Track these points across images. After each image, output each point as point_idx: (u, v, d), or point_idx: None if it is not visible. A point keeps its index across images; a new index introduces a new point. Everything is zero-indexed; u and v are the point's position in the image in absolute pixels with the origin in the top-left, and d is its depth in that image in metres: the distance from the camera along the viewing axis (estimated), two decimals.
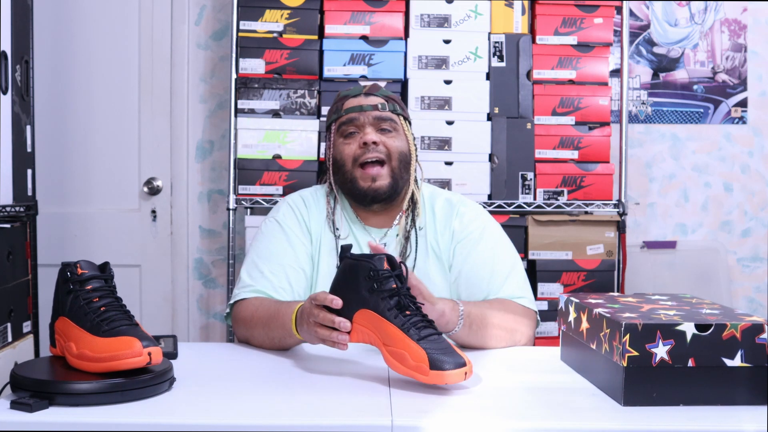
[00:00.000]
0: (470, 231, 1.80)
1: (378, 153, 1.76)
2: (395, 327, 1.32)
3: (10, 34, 1.98)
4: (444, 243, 1.81)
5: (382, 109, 1.80)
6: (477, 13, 2.73)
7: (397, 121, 1.81)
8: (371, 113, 1.79)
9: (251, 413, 1.20)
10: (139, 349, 1.24)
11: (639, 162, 3.18)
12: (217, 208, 3.13)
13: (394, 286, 1.35)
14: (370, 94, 1.83)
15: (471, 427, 1.16)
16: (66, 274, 1.36)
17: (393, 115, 1.81)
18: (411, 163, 1.82)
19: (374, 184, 1.76)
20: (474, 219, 1.83)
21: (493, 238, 1.82)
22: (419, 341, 1.30)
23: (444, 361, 1.27)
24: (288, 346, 1.61)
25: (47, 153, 2.87)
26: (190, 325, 3.13)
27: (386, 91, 1.86)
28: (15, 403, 1.18)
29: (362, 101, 1.81)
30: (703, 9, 3.19)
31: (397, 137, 1.80)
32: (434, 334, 1.32)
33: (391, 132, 1.79)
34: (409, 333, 1.31)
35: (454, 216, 1.82)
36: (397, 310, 1.34)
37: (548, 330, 2.68)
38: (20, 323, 1.84)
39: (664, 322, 1.22)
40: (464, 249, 1.79)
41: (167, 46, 3.08)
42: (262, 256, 1.76)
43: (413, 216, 1.81)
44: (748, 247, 3.21)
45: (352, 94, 1.84)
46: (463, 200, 1.87)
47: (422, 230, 1.81)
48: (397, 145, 1.79)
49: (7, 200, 1.93)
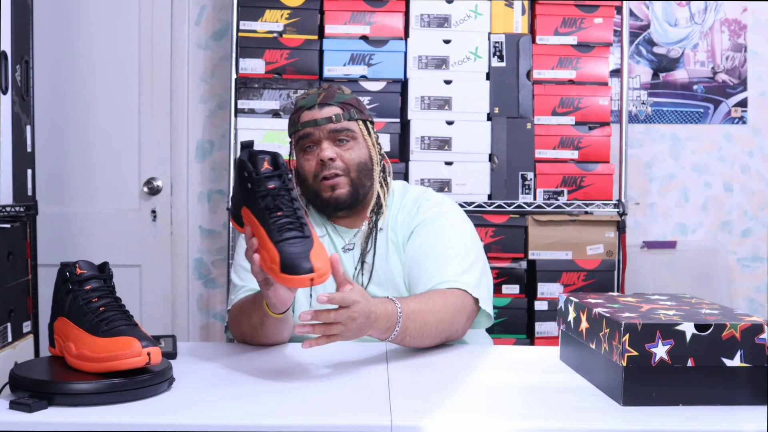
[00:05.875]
0: (425, 218, 1.80)
1: (335, 169, 1.77)
2: (261, 227, 1.35)
3: (10, 34, 1.98)
4: (402, 234, 1.81)
5: (337, 120, 1.78)
6: (477, 13, 2.72)
7: (355, 128, 1.80)
8: (326, 127, 1.78)
9: (251, 413, 1.20)
10: (138, 349, 1.24)
11: (639, 162, 3.18)
12: (217, 208, 3.13)
13: (271, 186, 1.36)
14: (324, 104, 1.79)
15: (470, 427, 1.16)
16: (65, 274, 1.36)
17: (349, 123, 1.79)
18: (374, 168, 1.82)
19: (334, 194, 1.77)
20: (432, 207, 1.83)
21: (447, 225, 1.80)
22: (278, 243, 1.32)
23: (295, 266, 1.30)
24: (275, 335, 1.61)
25: (47, 153, 2.87)
26: (189, 325, 3.13)
27: (343, 96, 1.82)
28: (14, 404, 1.18)
29: (316, 114, 1.79)
30: (703, 9, 3.19)
31: (355, 146, 1.80)
32: (298, 237, 1.33)
33: (348, 142, 1.79)
34: (271, 234, 1.33)
35: (415, 209, 1.83)
36: (267, 211, 1.35)
37: (548, 330, 2.68)
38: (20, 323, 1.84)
39: (663, 322, 1.22)
40: (417, 233, 1.79)
41: (167, 46, 3.08)
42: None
43: (376, 218, 1.82)
44: (748, 247, 3.21)
45: (307, 105, 1.81)
46: (428, 193, 1.88)
47: (382, 231, 1.81)
48: (355, 156, 1.79)
49: (7, 200, 1.93)
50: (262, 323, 1.58)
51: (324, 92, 1.82)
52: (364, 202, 1.83)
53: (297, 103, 1.84)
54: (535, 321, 2.68)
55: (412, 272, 1.75)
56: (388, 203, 1.85)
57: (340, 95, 1.82)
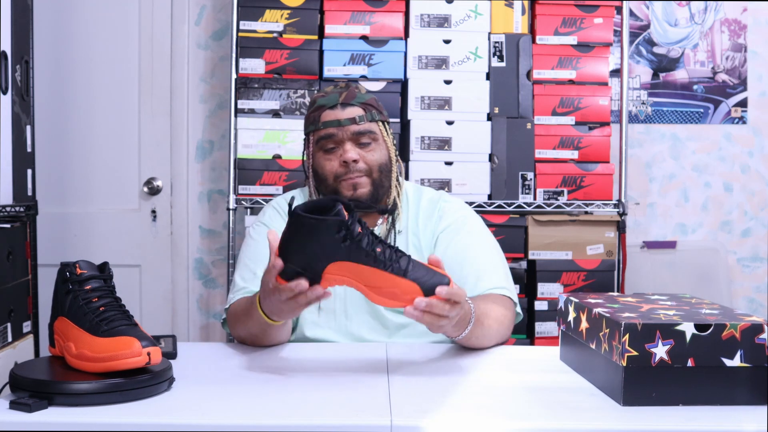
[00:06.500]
0: (450, 222, 1.81)
1: (358, 171, 1.77)
2: (379, 270, 1.32)
3: (10, 34, 1.98)
4: (425, 239, 1.81)
5: (360, 121, 1.78)
6: (477, 13, 2.72)
7: (376, 130, 1.80)
8: (349, 128, 1.77)
9: (250, 413, 1.20)
10: (139, 349, 1.24)
11: (639, 162, 3.18)
12: (217, 208, 3.13)
13: (360, 230, 1.33)
14: (346, 104, 1.79)
15: (471, 427, 1.16)
16: (65, 274, 1.36)
17: (371, 125, 1.79)
18: (392, 168, 1.83)
19: (356, 193, 1.77)
20: (455, 211, 1.84)
21: (475, 229, 1.83)
22: (405, 275, 1.32)
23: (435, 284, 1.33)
24: (275, 339, 1.61)
25: (47, 153, 2.87)
26: (189, 325, 3.13)
27: (363, 96, 1.82)
28: (14, 403, 1.18)
29: (339, 114, 1.78)
30: (703, 9, 3.19)
31: (376, 148, 1.80)
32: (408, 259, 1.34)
33: (370, 144, 1.79)
34: (393, 271, 1.32)
35: (435, 212, 1.83)
36: (372, 253, 1.33)
37: (548, 330, 2.68)
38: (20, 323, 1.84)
39: (663, 322, 1.22)
40: (445, 238, 1.79)
41: (167, 46, 3.08)
42: (253, 259, 1.77)
43: (393, 219, 1.81)
44: (748, 247, 3.21)
45: (328, 104, 1.79)
46: (445, 196, 1.89)
47: (402, 233, 1.81)
48: (377, 157, 1.79)
49: (7, 200, 1.92)
50: (263, 332, 1.58)
51: (345, 92, 1.81)
52: (382, 202, 1.83)
53: (316, 101, 1.83)
54: (535, 321, 2.68)
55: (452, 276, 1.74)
56: (403, 204, 1.85)
57: (360, 95, 1.82)
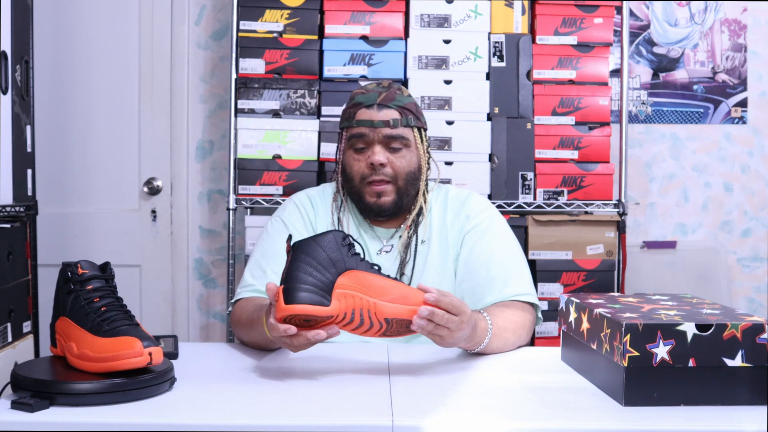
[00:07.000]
0: (477, 223, 1.81)
1: (384, 175, 1.75)
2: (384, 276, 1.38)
3: (10, 34, 1.98)
4: (453, 236, 1.81)
5: (394, 125, 1.75)
6: (477, 13, 2.72)
7: (409, 135, 1.78)
8: (381, 130, 1.75)
9: (251, 413, 1.20)
10: (140, 349, 1.24)
11: (639, 162, 3.18)
12: (217, 208, 3.13)
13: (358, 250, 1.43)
14: (383, 106, 1.76)
15: (472, 427, 1.16)
16: (67, 274, 1.36)
17: (405, 130, 1.77)
18: (420, 176, 1.81)
19: (379, 200, 1.76)
20: (482, 211, 1.84)
21: (500, 232, 1.83)
22: None
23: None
24: (274, 347, 1.61)
25: (47, 153, 2.87)
26: (190, 325, 3.13)
27: (403, 100, 1.79)
28: (16, 403, 1.18)
29: (374, 115, 1.76)
30: (703, 9, 3.19)
31: (407, 154, 1.78)
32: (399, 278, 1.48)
33: (400, 150, 1.77)
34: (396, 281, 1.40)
35: (464, 210, 1.83)
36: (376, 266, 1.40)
37: (548, 330, 2.68)
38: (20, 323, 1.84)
39: (664, 322, 1.22)
40: (471, 238, 1.80)
41: (167, 46, 3.08)
42: (265, 256, 1.76)
43: (416, 228, 1.81)
44: (748, 247, 3.21)
45: (366, 103, 1.77)
46: (472, 195, 1.89)
47: (424, 243, 1.80)
48: (405, 164, 1.77)
49: (7, 200, 1.92)
50: (267, 344, 1.57)
51: (385, 92, 1.79)
52: (406, 209, 1.82)
53: (355, 98, 1.81)
54: None
55: (477, 279, 1.75)
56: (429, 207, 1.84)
57: (400, 97, 1.79)
